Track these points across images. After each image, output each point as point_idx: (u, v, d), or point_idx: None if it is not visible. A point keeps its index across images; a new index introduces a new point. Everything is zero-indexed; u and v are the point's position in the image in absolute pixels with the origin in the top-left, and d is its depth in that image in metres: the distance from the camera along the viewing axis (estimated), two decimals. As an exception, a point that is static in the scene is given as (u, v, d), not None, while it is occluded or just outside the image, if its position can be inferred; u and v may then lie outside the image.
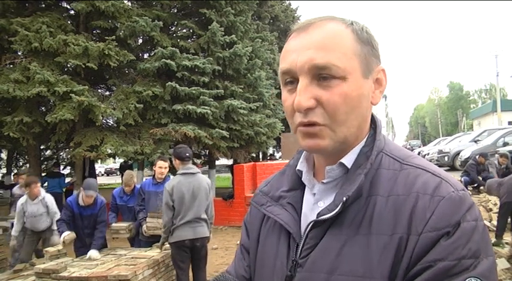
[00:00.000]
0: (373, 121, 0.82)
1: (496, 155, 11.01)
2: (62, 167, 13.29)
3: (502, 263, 4.38)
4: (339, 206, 0.71)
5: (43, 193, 5.72)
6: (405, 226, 0.67)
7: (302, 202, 0.83)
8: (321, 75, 0.71)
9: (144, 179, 8.63)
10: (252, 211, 0.96)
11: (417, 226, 0.66)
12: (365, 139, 0.79)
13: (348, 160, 0.76)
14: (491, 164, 9.50)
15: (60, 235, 4.76)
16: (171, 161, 4.94)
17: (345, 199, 0.71)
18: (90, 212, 4.92)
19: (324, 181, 0.79)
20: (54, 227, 5.44)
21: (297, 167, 0.86)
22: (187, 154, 4.28)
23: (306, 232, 0.76)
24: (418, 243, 0.65)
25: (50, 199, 5.69)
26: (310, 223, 0.76)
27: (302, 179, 0.85)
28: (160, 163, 5.10)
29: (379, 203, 0.71)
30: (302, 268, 0.75)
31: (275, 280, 0.80)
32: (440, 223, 0.65)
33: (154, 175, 5.19)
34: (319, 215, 0.75)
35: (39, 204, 5.57)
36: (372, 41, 0.77)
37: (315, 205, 0.79)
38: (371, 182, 0.73)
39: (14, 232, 5.61)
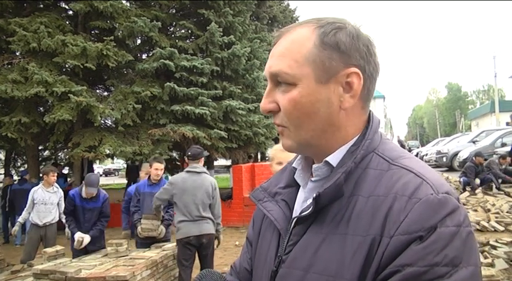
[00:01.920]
0: (369, 121, 0.81)
1: (494, 156, 11.03)
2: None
3: (499, 264, 4.38)
4: (313, 203, 0.72)
5: (59, 188, 6.14)
6: (379, 227, 0.65)
7: (296, 199, 0.85)
8: (278, 81, 0.76)
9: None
10: None
11: (390, 228, 0.64)
12: (355, 138, 0.78)
13: (334, 158, 0.76)
14: (496, 164, 9.49)
15: (71, 231, 4.95)
16: (166, 162, 5.01)
17: (315, 195, 0.71)
18: (93, 205, 5.02)
19: (312, 179, 0.80)
20: (59, 218, 5.91)
21: (292, 165, 0.88)
22: (189, 153, 4.49)
23: (291, 228, 0.78)
24: (389, 246, 0.63)
25: (62, 194, 6.09)
26: (293, 219, 0.78)
27: (294, 176, 0.86)
28: (156, 165, 5.10)
29: (359, 203, 0.70)
30: (284, 263, 0.76)
31: (264, 274, 0.82)
32: (413, 227, 0.62)
33: (149, 176, 5.20)
34: (301, 212, 0.76)
35: (52, 193, 5.92)
36: (339, 43, 0.73)
37: (304, 202, 0.80)
38: (356, 182, 0.73)
39: (21, 219, 5.93)
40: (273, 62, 0.76)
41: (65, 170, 13.71)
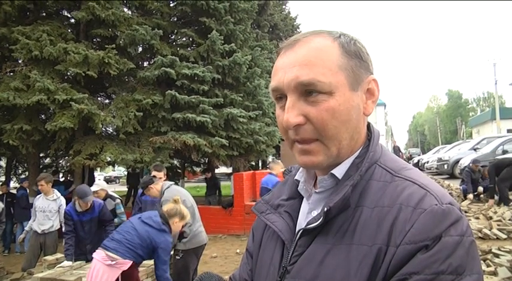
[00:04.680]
0: (370, 132, 0.82)
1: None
2: (60, 174, 13.25)
3: (503, 272, 4.35)
4: (323, 216, 0.73)
5: (60, 195, 6.12)
6: (385, 237, 0.66)
7: (300, 210, 0.85)
8: (308, 91, 0.72)
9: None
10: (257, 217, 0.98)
11: (396, 238, 0.65)
12: (359, 150, 0.79)
13: (340, 171, 0.77)
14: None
15: (64, 255, 4.78)
16: (167, 170, 5.07)
17: (326, 209, 0.72)
18: (89, 217, 4.91)
19: (317, 190, 0.80)
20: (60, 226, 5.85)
21: (295, 177, 0.88)
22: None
23: (296, 239, 0.78)
24: (395, 255, 0.64)
25: (63, 202, 6.07)
26: (299, 231, 0.78)
27: (298, 188, 0.86)
28: (154, 173, 4.99)
29: (365, 214, 0.71)
30: (289, 274, 0.76)
31: None
32: (419, 236, 0.64)
33: None
34: (307, 224, 0.76)
35: (52, 201, 5.92)
36: (360, 53, 0.77)
37: (308, 214, 0.81)
38: (360, 193, 0.74)
39: (27, 227, 6.10)
40: (299, 72, 0.72)
41: (62, 178, 13.70)
